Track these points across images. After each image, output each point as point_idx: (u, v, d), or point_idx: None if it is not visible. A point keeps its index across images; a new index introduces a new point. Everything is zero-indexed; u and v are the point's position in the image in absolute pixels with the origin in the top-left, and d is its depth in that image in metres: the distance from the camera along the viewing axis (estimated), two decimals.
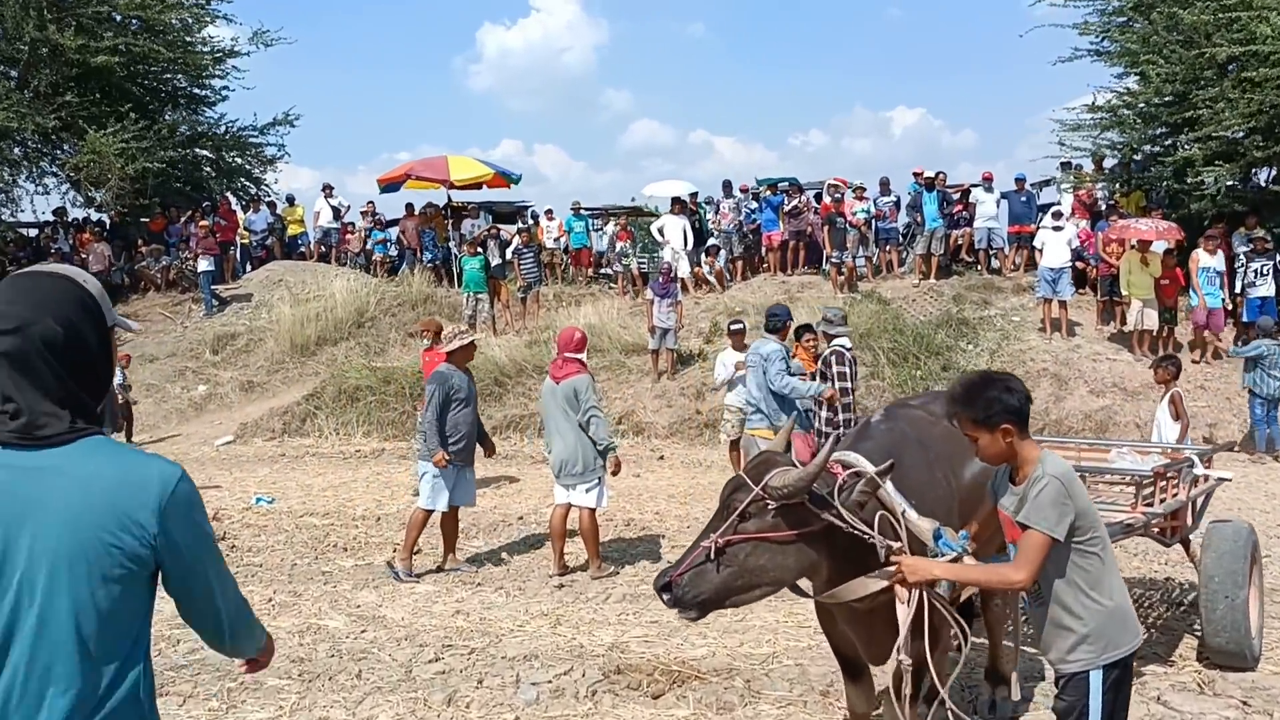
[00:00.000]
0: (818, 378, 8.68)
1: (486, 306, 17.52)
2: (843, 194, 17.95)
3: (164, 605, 1.98)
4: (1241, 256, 14.29)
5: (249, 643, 2.17)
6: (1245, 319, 14.29)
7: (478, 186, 20.92)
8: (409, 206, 21.26)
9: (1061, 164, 17.78)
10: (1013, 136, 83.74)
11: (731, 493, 3.38)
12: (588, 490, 7.36)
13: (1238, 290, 14.27)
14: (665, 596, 3.35)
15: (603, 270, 20.04)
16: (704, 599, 3.33)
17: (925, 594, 3.27)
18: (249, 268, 21.53)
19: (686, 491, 10.86)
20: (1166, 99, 14.43)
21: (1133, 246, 14.07)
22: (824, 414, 8.22)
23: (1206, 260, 14.06)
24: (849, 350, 8.46)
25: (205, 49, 22.67)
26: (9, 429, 1.83)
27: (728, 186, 18.95)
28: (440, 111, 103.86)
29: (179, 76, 23.15)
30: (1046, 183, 18.76)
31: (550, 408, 7.42)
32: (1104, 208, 16.59)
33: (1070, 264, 14.83)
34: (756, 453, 8.00)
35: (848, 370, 8.21)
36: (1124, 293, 14.03)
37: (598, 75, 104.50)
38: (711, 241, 18.50)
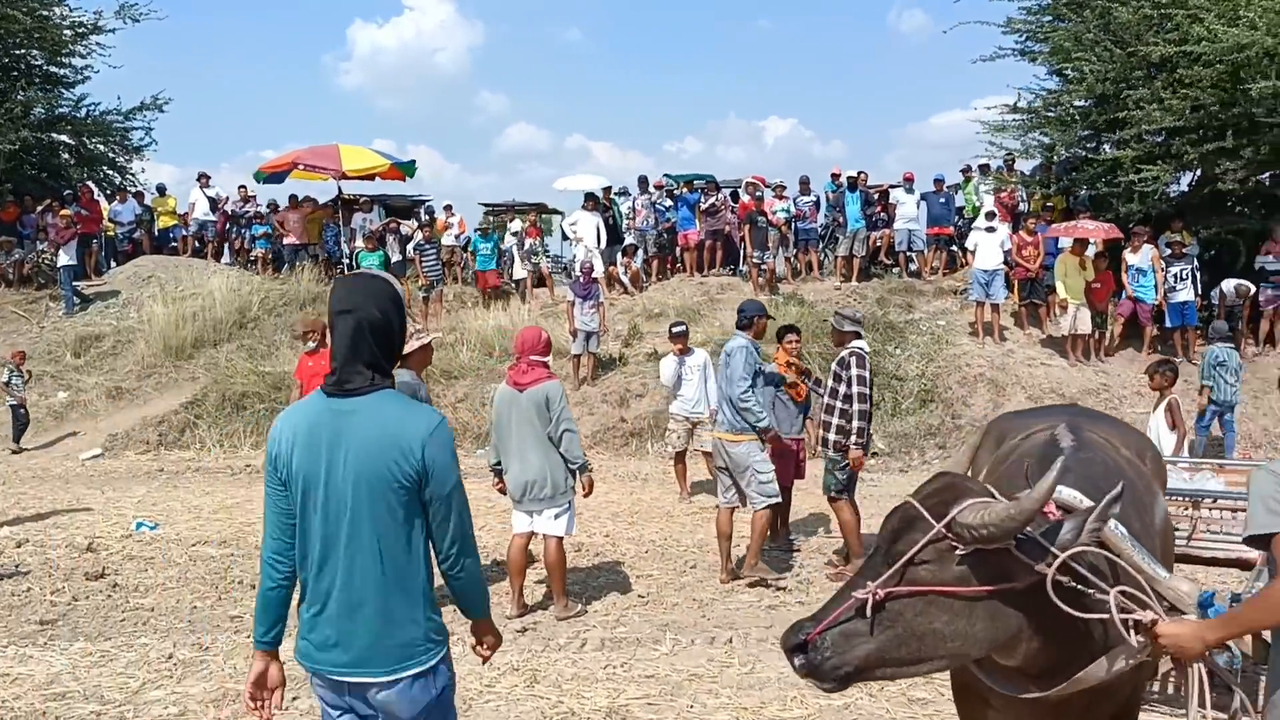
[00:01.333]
0: (822, 380, 7.84)
1: None
2: (763, 193, 17.30)
3: None
4: (1163, 261, 14.19)
5: (476, 583, 2.81)
6: (1168, 324, 14.20)
7: (371, 178, 19.50)
8: (293, 198, 19.66)
9: (980, 166, 17.52)
10: (880, 147, 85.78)
11: (899, 529, 2.51)
12: (556, 516, 6.35)
13: (1160, 295, 14.15)
14: (797, 661, 2.54)
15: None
16: (851, 668, 2.50)
17: (1202, 670, 2.44)
18: (114, 263, 19.54)
19: (631, 510, 9.92)
20: (1097, 98, 14.22)
21: (1069, 249, 13.80)
22: (835, 422, 7.32)
23: (1132, 259, 13.94)
24: (867, 353, 7.55)
25: (65, 23, 20.53)
26: (333, 384, 2.65)
27: (643, 183, 18.08)
28: (308, 109, 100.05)
29: (34, 52, 20.89)
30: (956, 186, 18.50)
31: (511, 420, 6.36)
32: (1023, 210, 16.39)
33: (1003, 266, 14.49)
34: (747, 458, 7.06)
35: (868, 375, 7.34)
36: (1061, 295, 13.73)
37: (473, 77, 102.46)
38: (628, 240, 17.59)
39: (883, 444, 13.09)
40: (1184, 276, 13.97)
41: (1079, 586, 2.42)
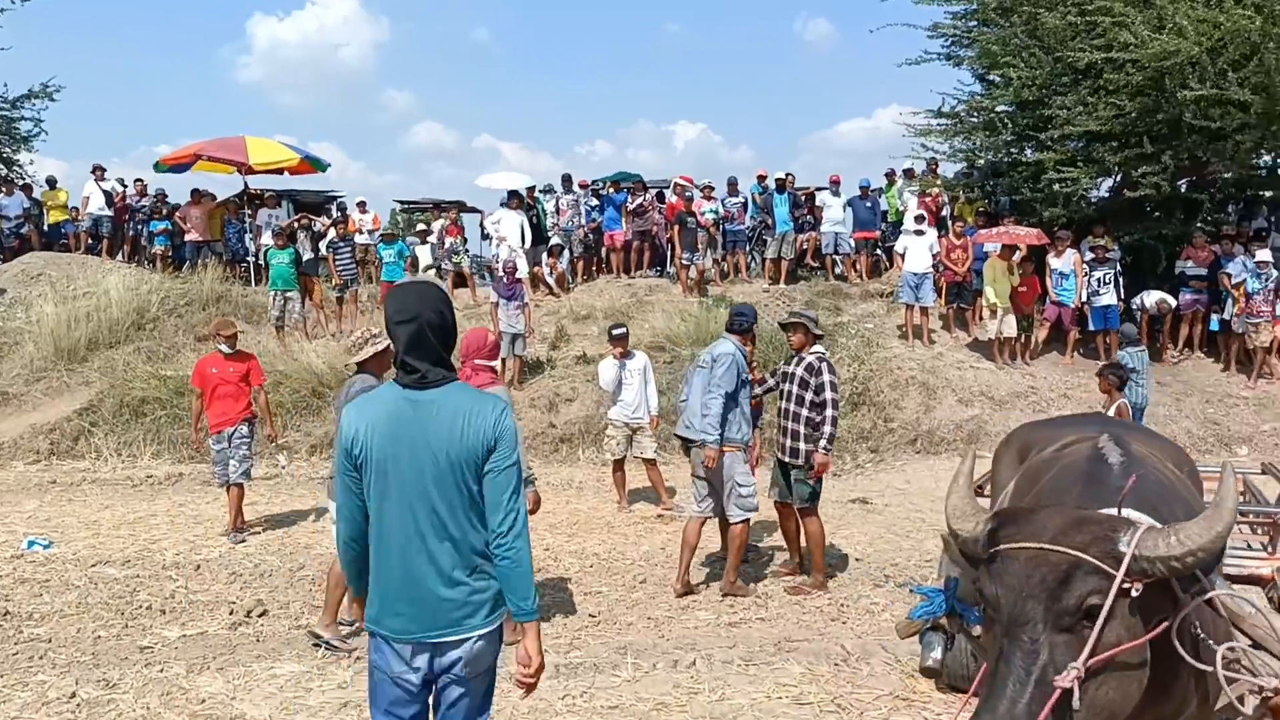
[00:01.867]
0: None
1: (297, 306, 15.40)
2: (692, 193, 17.00)
3: None
4: (1086, 266, 14.32)
5: (526, 569, 2.99)
6: (1091, 327, 14.33)
7: (279, 172, 18.66)
8: (195, 192, 18.61)
9: (904, 171, 17.52)
10: (787, 154, 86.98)
11: (1056, 585, 2.12)
12: None
13: (1084, 299, 14.28)
14: None
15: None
16: None
17: None
18: (0, 259, 18.26)
19: (569, 521, 9.45)
20: (1023, 103, 14.27)
21: (997, 254, 13.82)
22: (804, 430, 6.96)
23: (1055, 263, 14.04)
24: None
25: None
26: (410, 379, 3.00)
27: (567, 181, 17.63)
28: (203, 103, 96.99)
29: None
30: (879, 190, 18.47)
31: None
32: (946, 214, 16.42)
33: (932, 269, 14.44)
34: (730, 469, 6.75)
35: (837, 380, 7.06)
36: (991, 300, 13.72)
37: (378, 74, 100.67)
38: (554, 240, 17.10)
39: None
40: (1106, 281, 14.11)
41: (1200, 634, 2.10)
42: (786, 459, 7.02)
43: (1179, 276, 14.53)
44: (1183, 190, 14.50)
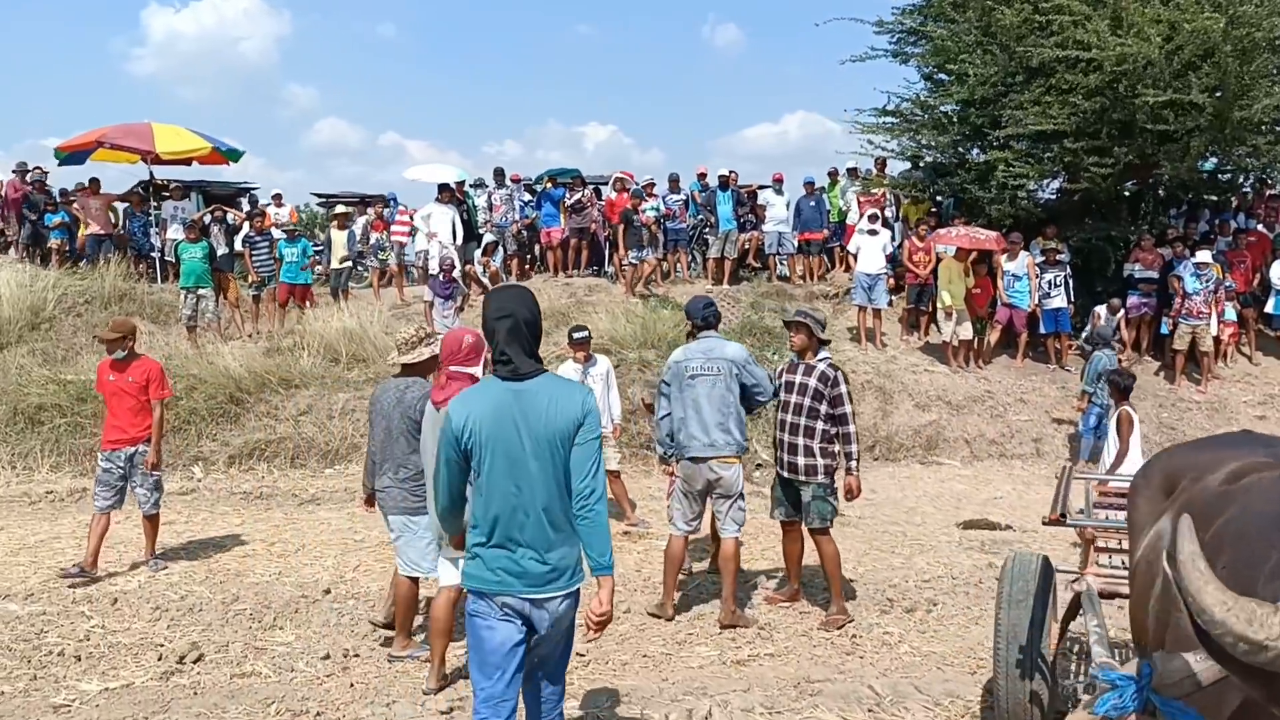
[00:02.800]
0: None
1: (211, 305, 14.26)
2: (638, 189, 16.37)
3: None
4: (1037, 268, 14.12)
5: (604, 528, 3.44)
6: (1041, 330, 14.13)
7: (187, 162, 17.40)
8: (94, 181, 17.22)
9: (848, 170, 17.17)
10: (696, 157, 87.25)
11: None
12: None
13: (1036, 302, 14.07)
14: None
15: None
16: None
17: None
18: None
19: None
20: (976, 100, 13.99)
21: (953, 255, 13.51)
22: (818, 445, 6.33)
23: (1007, 265, 13.81)
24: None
25: None
26: (506, 370, 3.42)
27: (499, 175, 16.81)
28: (95, 96, 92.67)
29: None
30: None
31: (430, 447, 5.08)
32: (890, 214, 16.10)
33: (885, 270, 14.07)
34: (737, 483, 6.25)
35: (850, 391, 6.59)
36: (946, 302, 13.38)
37: (280, 68, 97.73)
38: (488, 237, 16.25)
39: (766, 454, 12.37)
40: (1057, 283, 13.93)
41: None
42: (797, 476, 6.39)
43: (1127, 280, 14.45)
44: (1127, 191, 14.38)
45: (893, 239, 14.88)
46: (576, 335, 9.34)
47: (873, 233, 14.06)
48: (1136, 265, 14.31)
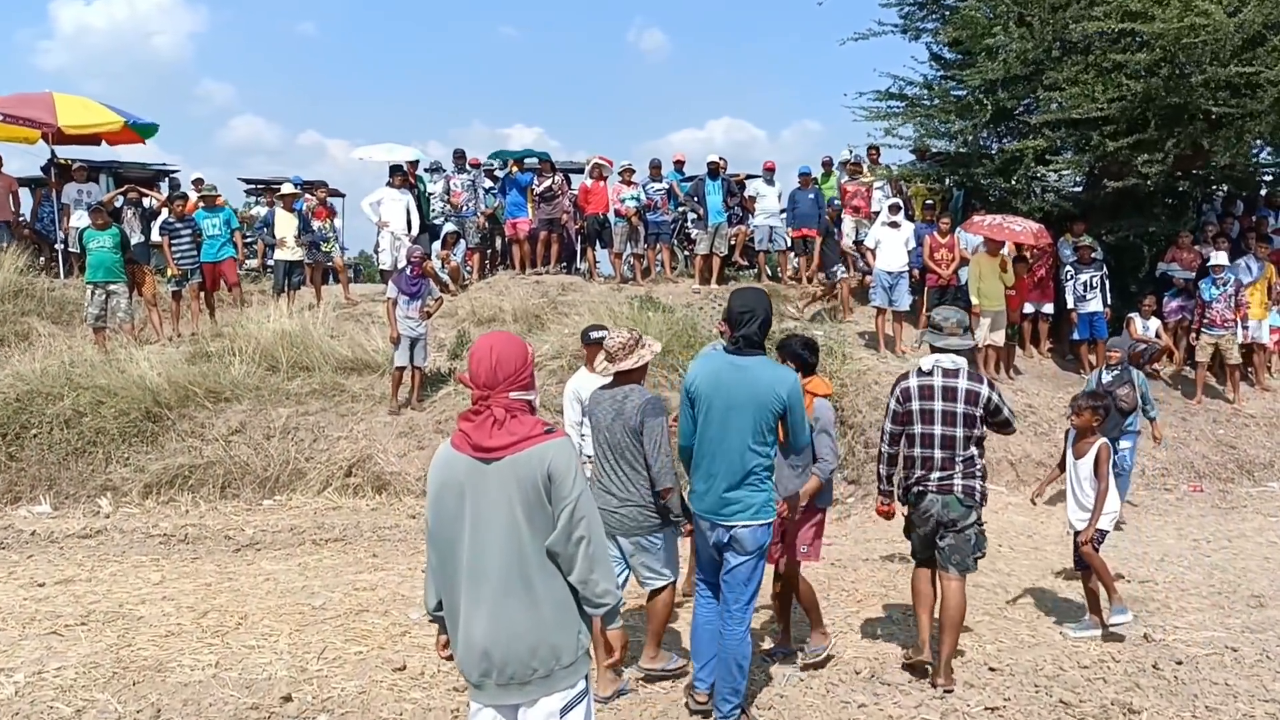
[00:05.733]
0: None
1: (123, 302, 12.07)
2: (611, 175, 14.59)
3: None
4: (1069, 267, 12.69)
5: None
6: (1076, 336, 12.71)
7: (95, 140, 15.17)
8: None
9: (840, 160, 15.60)
10: (624, 160, 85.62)
11: None
12: (563, 713, 3.22)
13: (1069, 305, 12.64)
14: None
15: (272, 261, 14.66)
16: None
17: None
18: None
19: None
20: (1006, 80, 12.46)
21: (985, 250, 11.99)
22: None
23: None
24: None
25: None
26: (733, 348, 4.56)
27: (459, 158, 14.85)
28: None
29: None
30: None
31: (466, 521, 3.19)
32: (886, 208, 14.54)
33: (908, 268, 12.49)
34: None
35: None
36: (975, 303, 11.83)
37: (195, 64, 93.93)
38: (449, 227, 14.28)
39: None
40: (1094, 284, 12.53)
41: None
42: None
43: (1160, 279, 13.12)
44: (1181, 186, 13.03)
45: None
46: (595, 335, 7.51)
47: (894, 225, 12.46)
48: (1174, 265, 12.98)
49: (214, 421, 10.62)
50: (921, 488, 5.25)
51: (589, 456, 7.51)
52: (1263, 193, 14.51)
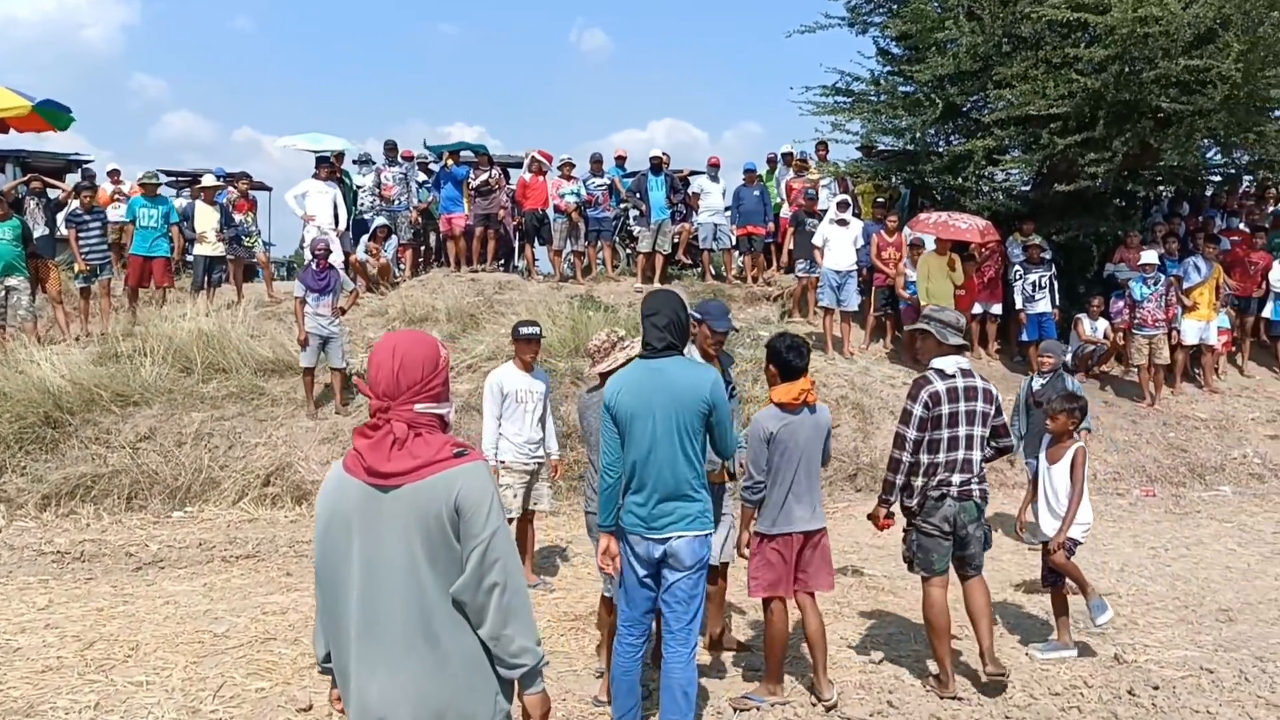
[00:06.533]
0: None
1: (24, 300, 11.25)
2: (551, 171, 14.04)
3: None
4: (1018, 267, 12.43)
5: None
6: (1024, 337, 12.44)
7: (3, 128, 14.22)
8: None
9: (782, 155, 15.21)
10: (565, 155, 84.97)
11: None
12: None
13: (1018, 305, 12.38)
14: None
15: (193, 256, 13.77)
16: None
17: None
18: None
19: None
20: (955, 75, 12.15)
21: (934, 249, 11.67)
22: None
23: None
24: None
25: None
26: (647, 353, 4.19)
27: (391, 150, 14.19)
28: None
29: None
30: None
31: (354, 563, 2.59)
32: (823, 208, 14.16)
33: (857, 267, 12.12)
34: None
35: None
36: (922, 302, 11.50)
37: (126, 58, 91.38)
38: (379, 221, 13.61)
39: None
40: (1042, 285, 12.29)
41: None
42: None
43: (1109, 281, 12.92)
44: (1128, 186, 12.85)
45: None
46: (525, 331, 6.99)
47: (842, 223, 12.08)
48: (1121, 266, 12.79)
49: (121, 427, 9.89)
50: (941, 493, 5.03)
51: (504, 462, 7.00)
52: (1209, 193, 14.44)
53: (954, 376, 5.02)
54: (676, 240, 14.59)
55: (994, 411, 5.12)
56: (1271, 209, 14.17)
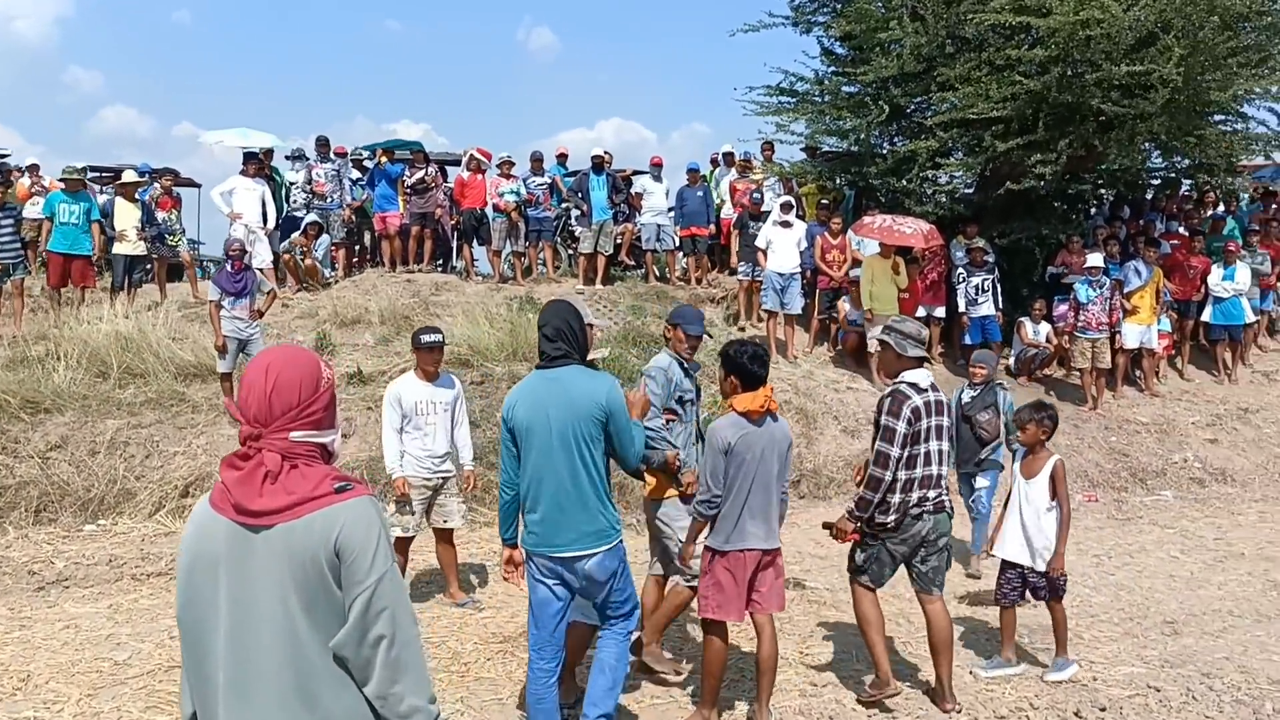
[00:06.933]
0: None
1: None
2: (489, 169, 13.68)
3: None
4: (961, 270, 12.34)
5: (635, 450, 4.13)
6: (967, 340, 12.35)
7: None
8: None
9: (724, 155, 14.99)
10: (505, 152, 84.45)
11: None
12: None
13: (961, 308, 12.30)
14: None
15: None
16: None
17: None
18: None
19: None
20: (899, 76, 12.02)
21: (878, 253, 11.51)
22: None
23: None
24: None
25: None
26: (545, 362, 4.10)
27: (323, 146, 13.72)
28: None
29: None
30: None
31: (221, 609, 2.22)
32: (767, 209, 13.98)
33: (801, 269, 11.93)
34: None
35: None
36: (865, 307, 11.36)
37: (61, 51, 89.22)
38: (310, 217, 13.15)
39: None
40: (985, 288, 12.21)
41: None
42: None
43: (1051, 284, 12.90)
44: (1071, 189, 12.83)
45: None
46: (426, 339, 6.58)
47: (786, 224, 11.88)
48: (1062, 268, 12.78)
49: (30, 436, 9.36)
50: (920, 509, 4.95)
51: (411, 480, 6.58)
52: (1149, 197, 14.50)
53: (927, 390, 4.95)
54: (619, 241, 14.33)
55: (950, 423, 5.13)
56: (1209, 213, 14.25)
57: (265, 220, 12.52)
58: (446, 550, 6.82)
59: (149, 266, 12.84)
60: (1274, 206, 14.45)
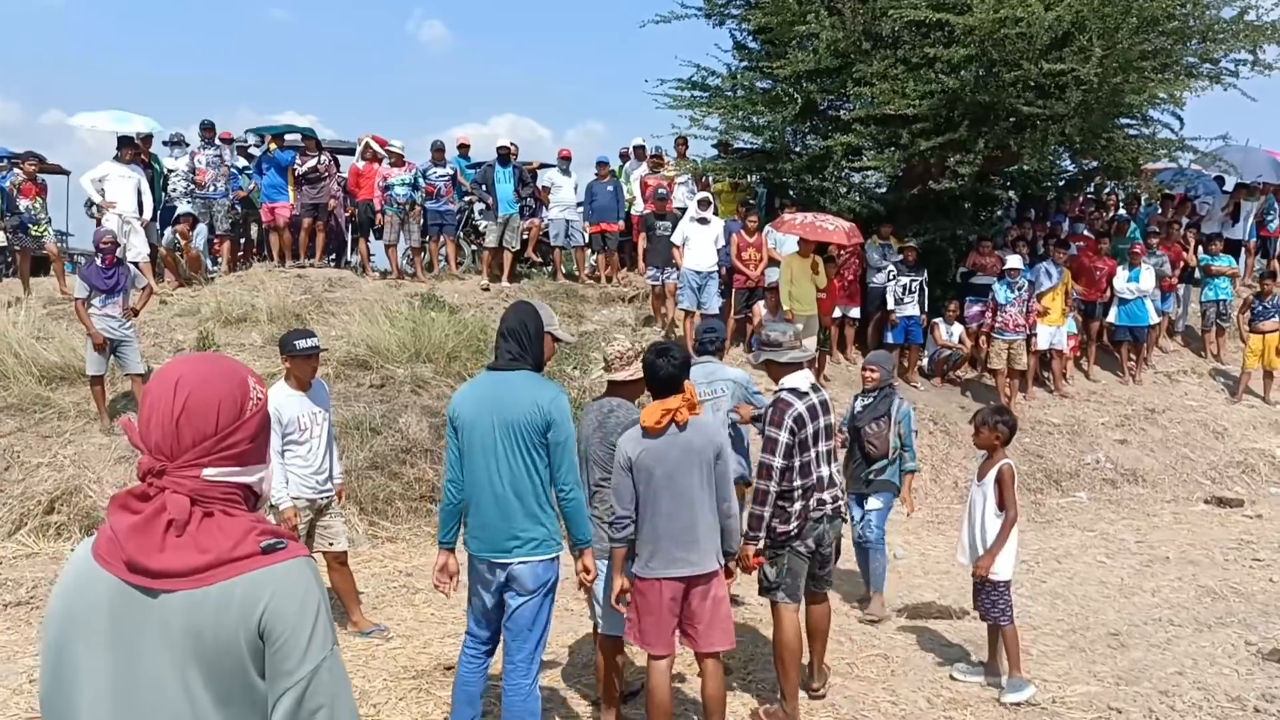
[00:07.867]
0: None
1: None
2: (384, 158, 12.94)
3: None
4: (892, 267, 12.16)
5: (581, 511, 4.04)
6: (890, 340, 12.18)
7: None
8: None
9: (634, 148, 14.55)
10: (411, 153, 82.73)
11: None
12: None
13: (889, 307, 12.13)
14: None
15: None
16: None
17: None
18: None
19: None
20: (815, 72, 11.75)
21: (797, 251, 11.21)
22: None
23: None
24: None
25: None
26: (492, 365, 4.06)
27: (207, 131, 12.75)
28: None
29: None
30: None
31: (136, 688, 1.64)
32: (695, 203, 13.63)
33: (718, 267, 11.55)
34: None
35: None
36: (786, 306, 11.05)
37: None
38: (184, 208, 12.18)
39: None
40: (912, 289, 12.08)
41: None
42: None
43: (964, 285, 12.84)
44: (983, 191, 12.79)
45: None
46: (301, 344, 5.82)
47: (703, 221, 11.49)
48: (973, 269, 12.73)
49: None
50: (821, 513, 4.85)
51: (273, 505, 5.79)
52: (1050, 198, 14.62)
53: (808, 394, 4.79)
54: (525, 236, 13.74)
55: (831, 421, 5.03)
56: (1111, 215, 14.43)
57: (141, 210, 11.54)
58: (342, 575, 6.16)
59: (10, 259, 11.74)
60: (1173, 209, 14.72)
